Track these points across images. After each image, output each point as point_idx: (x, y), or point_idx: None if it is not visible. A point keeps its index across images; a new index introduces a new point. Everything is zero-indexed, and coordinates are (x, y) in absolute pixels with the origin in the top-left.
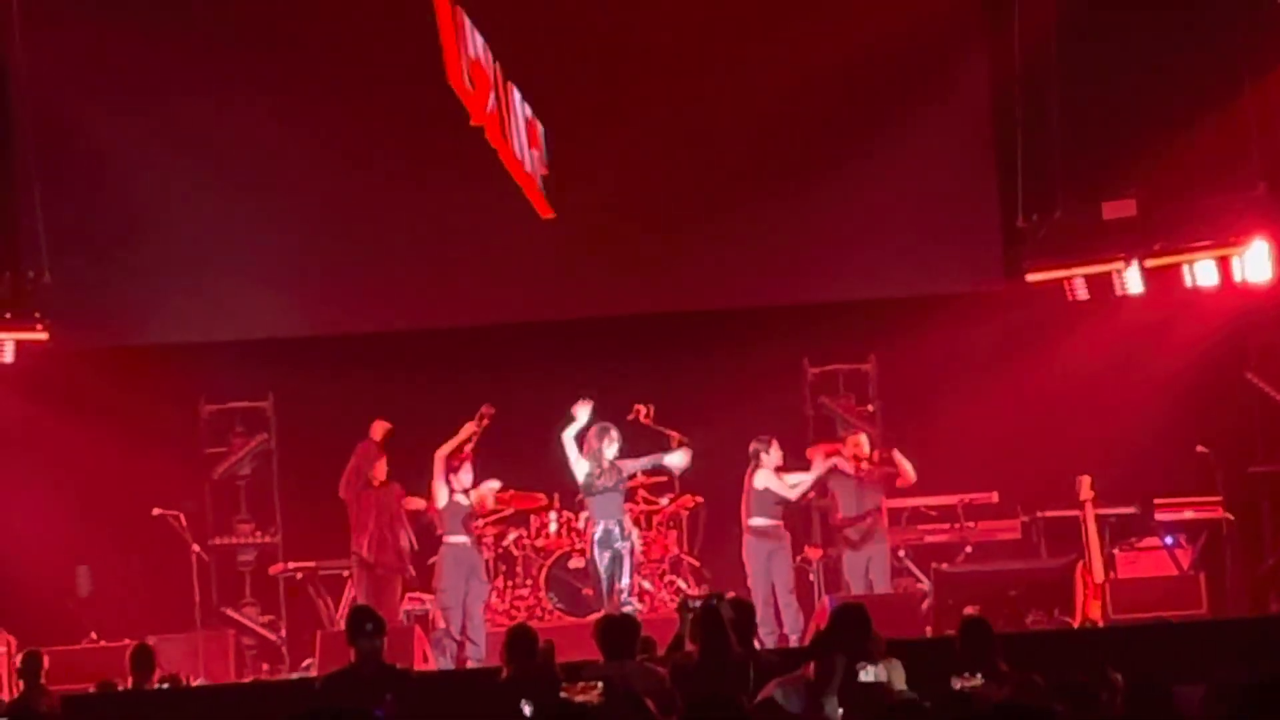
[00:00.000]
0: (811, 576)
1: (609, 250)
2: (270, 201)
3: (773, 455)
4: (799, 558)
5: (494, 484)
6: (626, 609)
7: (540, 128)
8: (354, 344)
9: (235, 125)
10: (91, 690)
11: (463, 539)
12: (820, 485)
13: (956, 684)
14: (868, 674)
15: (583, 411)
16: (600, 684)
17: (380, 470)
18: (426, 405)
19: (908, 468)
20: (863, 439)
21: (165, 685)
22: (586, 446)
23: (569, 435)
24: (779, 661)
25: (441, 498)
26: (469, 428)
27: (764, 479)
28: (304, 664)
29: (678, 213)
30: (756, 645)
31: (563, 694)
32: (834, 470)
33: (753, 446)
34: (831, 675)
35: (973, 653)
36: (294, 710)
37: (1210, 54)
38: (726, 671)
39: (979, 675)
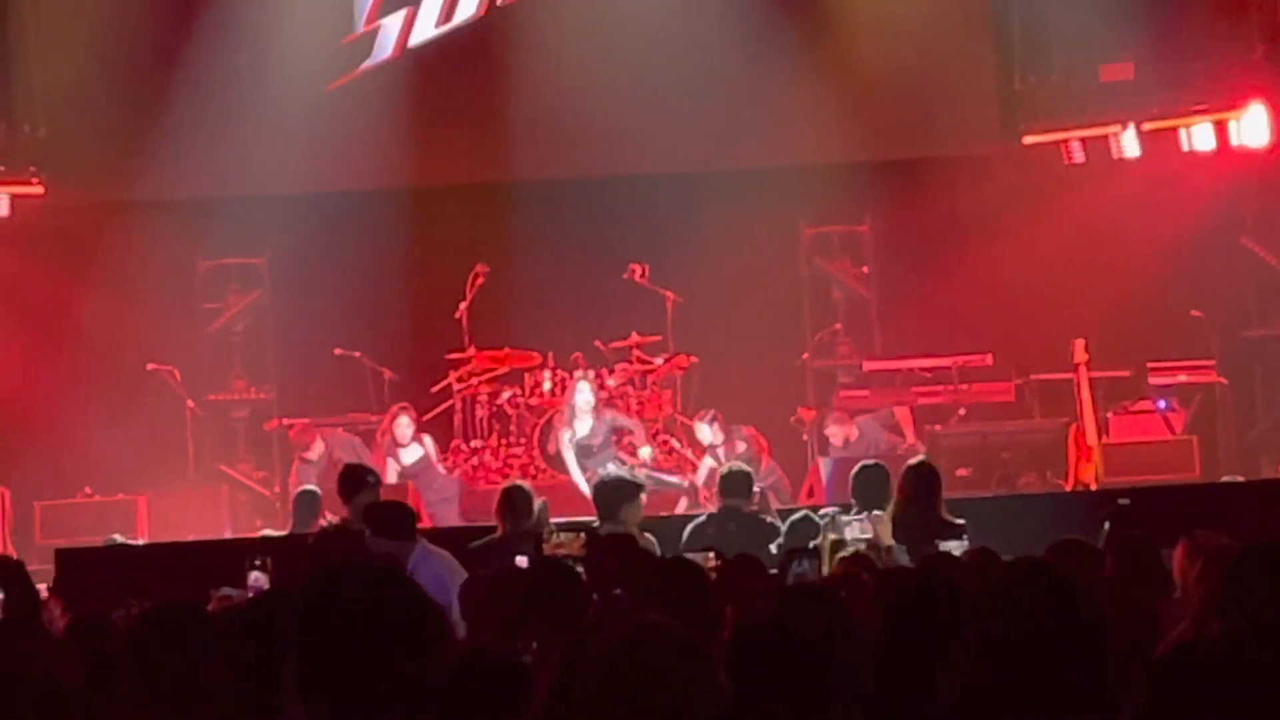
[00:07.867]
0: (805, 437)
1: (610, 111)
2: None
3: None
4: (792, 418)
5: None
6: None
7: None
8: (350, 201)
9: None
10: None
11: None
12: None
13: (940, 546)
14: (854, 530)
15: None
16: (582, 534)
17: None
18: (421, 263)
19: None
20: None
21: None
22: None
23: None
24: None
25: None
26: None
27: None
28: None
29: (676, 74)
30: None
31: (545, 546)
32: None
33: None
34: None
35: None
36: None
37: None
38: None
39: (965, 537)
